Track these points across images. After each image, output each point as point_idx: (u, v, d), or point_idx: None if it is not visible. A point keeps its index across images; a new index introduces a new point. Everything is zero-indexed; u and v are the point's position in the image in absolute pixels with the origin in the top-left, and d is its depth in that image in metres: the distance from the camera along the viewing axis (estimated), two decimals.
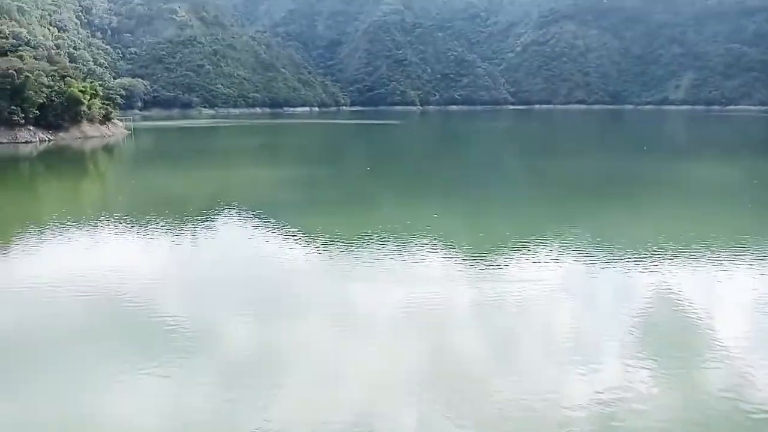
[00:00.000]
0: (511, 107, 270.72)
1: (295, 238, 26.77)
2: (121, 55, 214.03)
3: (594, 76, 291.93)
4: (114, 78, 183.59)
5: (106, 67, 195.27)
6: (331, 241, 25.60)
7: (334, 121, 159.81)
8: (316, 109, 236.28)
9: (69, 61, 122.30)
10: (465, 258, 23.34)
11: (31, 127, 74.38)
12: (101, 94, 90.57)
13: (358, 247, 24.42)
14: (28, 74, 73.01)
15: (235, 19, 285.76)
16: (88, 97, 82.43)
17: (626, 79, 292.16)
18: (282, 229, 28.64)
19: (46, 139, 75.21)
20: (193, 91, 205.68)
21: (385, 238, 25.91)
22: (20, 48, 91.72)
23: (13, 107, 70.85)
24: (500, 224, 29.86)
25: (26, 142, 72.11)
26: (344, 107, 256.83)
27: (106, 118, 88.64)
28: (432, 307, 17.83)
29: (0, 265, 22.80)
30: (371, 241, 25.38)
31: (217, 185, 42.97)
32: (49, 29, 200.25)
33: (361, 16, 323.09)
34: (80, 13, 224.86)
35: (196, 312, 17.84)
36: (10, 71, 71.72)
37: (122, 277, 20.76)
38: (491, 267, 21.98)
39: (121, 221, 30.04)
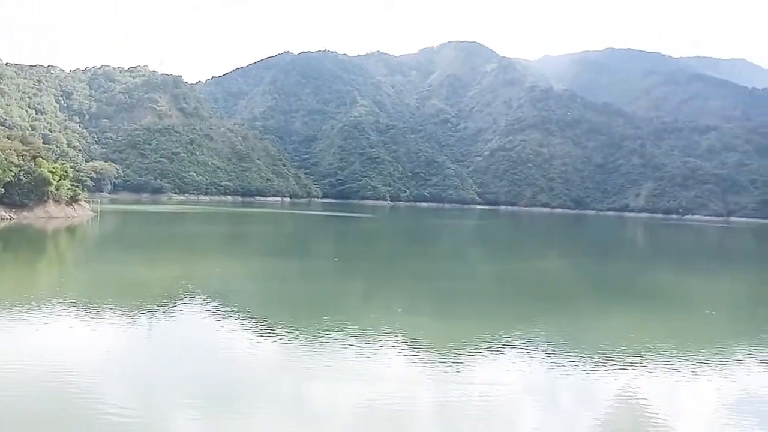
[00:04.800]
0: (478, 207, 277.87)
1: (253, 330, 25.86)
2: (96, 140, 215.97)
3: (558, 181, 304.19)
4: (86, 161, 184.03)
5: (79, 150, 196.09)
6: (290, 333, 24.81)
7: (305, 212, 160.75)
8: (288, 199, 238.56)
9: (42, 143, 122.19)
10: (428, 357, 22.73)
11: None
12: (71, 176, 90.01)
13: (318, 341, 23.68)
14: None
15: (215, 112, 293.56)
16: (58, 178, 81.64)
17: (589, 186, 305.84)
18: (240, 320, 27.71)
19: (8, 217, 73.41)
20: (165, 177, 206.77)
21: (346, 332, 25.25)
22: None
23: None
24: (466, 323, 29.45)
25: None
26: (316, 199, 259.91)
27: (73, 200, 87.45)
28: (391, 408, 17.05)
29: None
30: (332, 335, 24.68)
31: (177, 273, 41.82)
32: (27, 111, 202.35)
33: (338, 116, 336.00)
34: (60, 98, 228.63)
35: (141, 405, 16.70)
36: None
37: (66, 365, 19.51)
38: (454, 367, 21.41)
39: (73, 306, 28.69)
